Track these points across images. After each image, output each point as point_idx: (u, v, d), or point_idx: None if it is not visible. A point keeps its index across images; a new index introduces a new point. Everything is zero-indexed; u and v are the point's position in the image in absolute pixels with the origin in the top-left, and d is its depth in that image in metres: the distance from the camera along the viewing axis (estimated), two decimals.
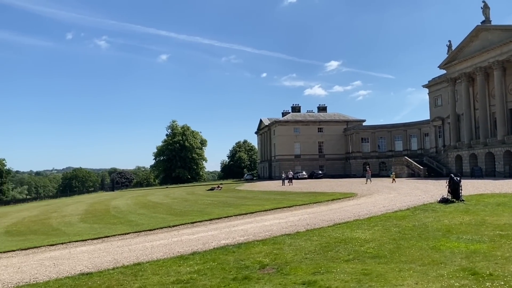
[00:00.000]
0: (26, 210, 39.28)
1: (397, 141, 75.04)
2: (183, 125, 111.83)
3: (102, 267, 10.19)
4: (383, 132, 76.49)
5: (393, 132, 75.54)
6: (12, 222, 26.34)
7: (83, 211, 31.12)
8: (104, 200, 46.25)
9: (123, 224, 20.15)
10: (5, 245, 15.80)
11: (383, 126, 77.51)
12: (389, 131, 75.93)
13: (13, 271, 10.53)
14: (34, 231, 20.48)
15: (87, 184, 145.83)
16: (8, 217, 31.12)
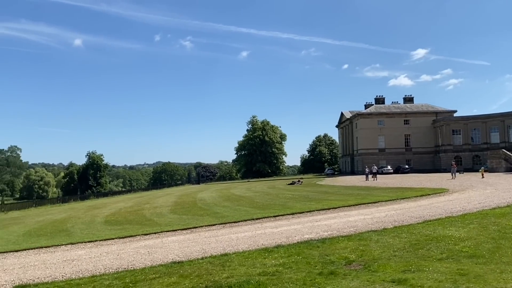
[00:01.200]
0: (122, 201, 42.53)
1: (493, 132, 68.97)
2: (263, 120, 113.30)
3: (191, 256, 10.69)
4: (477, 123, 70.74)
5: (489, 123, 69.52)
6: (111, 212, 28.68)
7: (172, 202, 32.93)
8: (191, 192, 48.52)
9: (209, 216, 20.96)
10: (105, 234, 17.23)
11: (477, 117, 71.62)
12: (484, 122, 70.01)
13: (113, 257, 11.45)
14: (130, 221, 22.10)
15: (175, 177, 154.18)
16: (107, 207, 33.93)
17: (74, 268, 10.32)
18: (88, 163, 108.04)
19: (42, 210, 40.58)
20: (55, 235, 18.12)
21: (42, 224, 23.73)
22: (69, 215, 28.49)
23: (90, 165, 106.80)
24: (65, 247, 14.09)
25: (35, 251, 13.64)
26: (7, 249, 14.28)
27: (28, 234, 19.08)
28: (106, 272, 9.56)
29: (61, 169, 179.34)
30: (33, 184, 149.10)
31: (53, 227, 21.63)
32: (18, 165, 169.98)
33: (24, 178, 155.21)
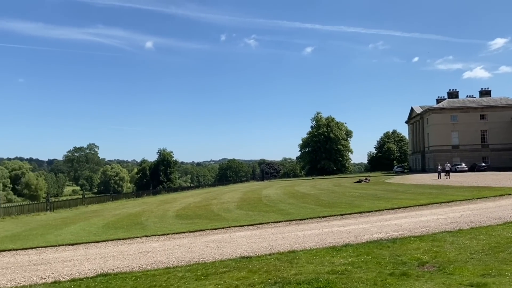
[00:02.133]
0: (191, 196, 44.10)
1: None
2: (328, 116, 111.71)
3: (259, 252, 10.86)
4: None
5: None
6: (181, 207, 29.86)
7: (238, 198, 33.59)
8: (256, 189, 49.13)
9: (275, 213, 21.11)
10: (176, 227, 17.99)
11: None
12: None
13: (185, 251, 11.94)
14: (199, 215, 22.88)
15: (239, 174, 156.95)
16: (177, 202, 35.38)
17: (149, 260, 10.90)
18: (159, 160, 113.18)
19: (118, 204, 43.20)
20: (131, 227, 19.24)
21: (119, 217, 25.28)
22: (143, 209, 30.09)
23: (161, 162, 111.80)
24: (140, 239, 14.91)
25: (114, 242, 14.56)
26: (89, 240, 15.39)
27: (106, 226, 20.42)
28: (178, 265, 10.01)
29: (134, 165, 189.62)
30: (109, 179, 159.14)
31: (128, 220, 22.97)
32: (96, 161, 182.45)
33: (101, 174, 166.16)
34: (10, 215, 29.34)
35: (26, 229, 21.22)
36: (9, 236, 18.62)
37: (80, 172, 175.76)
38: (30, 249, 13.98)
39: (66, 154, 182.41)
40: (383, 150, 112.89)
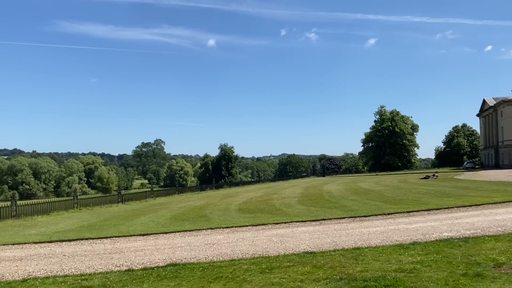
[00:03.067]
0: (252, 191, 44.73)
1: None
2: (392, 110, 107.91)
3: (323, 248, 10.80)
4: None
5: None
6: (243, 201, 30.40)
7: (299, 194, 33.55)
8: (317, 184, 48.76)
9: (338, 209, 20.85)
10: (239, 221, 18.35)
11: None
12: None
13: (248, 244, 12.16)
14: (261, 209, 23.17)
15: (299, 169, 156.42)
16: (239, 196, 36.05)
17: (215, 252, 11.24)
18: (220, 155, 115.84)
19: (183, 197, 44.85)
20: (196, 220, 19.92)
21: (185, 209, 26.26)
22: (207, 202, 31.01)
23: (223, 157, 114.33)
24: (205, 231, 15.39)
25: (181, 234, 15.15)
26: (158, 231, 16.14)
27: (174, 218, 21.30)
28: (243, 257, 10.22)
29: (197, 160, 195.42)
30: (175, 174, 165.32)
31: (194, 212, 23.80)
32: (162, 156, 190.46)
33: (167, 168, 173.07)
34: (86, 207, 31.51)
35: (101, 220, 22.68)
36: (86, 226, 20.01)
37: (148, 166, 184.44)
38: (105, 238, 14.91)
39: (135, 149, 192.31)
40: (452, 145, 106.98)
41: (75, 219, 23.83)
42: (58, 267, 10.24)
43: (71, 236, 15.72)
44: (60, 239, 14.87)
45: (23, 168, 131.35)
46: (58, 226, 20.03)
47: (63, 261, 11.10)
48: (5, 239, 15.71)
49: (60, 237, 15.59)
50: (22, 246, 13.78)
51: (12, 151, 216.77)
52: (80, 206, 31.07)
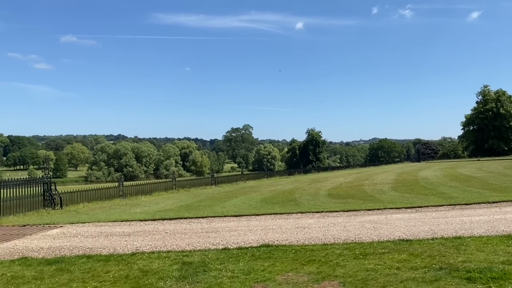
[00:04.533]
0: (341, 176, 43.99)
1: None
2: (497, 90, 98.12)
3: (419, 236, 10.34)
4: None
5: None
6: (332, 186, 30.08)
7: (392, 180, 32.26)
8: (411, 170, 46.45)
9: (435, 196, 19.73)
10: (329, 206, 18.23)
11: None
12: None
13: (340, 229, 12.05)
14: (351, 195, 22.75)
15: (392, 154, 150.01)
16: (328, 181, 35.70)
17: (306, 235, 11.32)
18: (308, 140, 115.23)
19: (272, 181, 45.64)
20: (286, 203, 20.18)
21: (274, 193, 26.72)
22: (295, 187, 31.23)
23: (310, 141, 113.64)
24: (295, 215, 15.53)
25: (272, 216, 15.47)
26: (250, 213, 16.66)
27: (264, 201, 21.81)
28: (335, 242, 10.17)
29: (284, 144, 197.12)
30: (262, 158, 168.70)
31: (283, 196, 24.13)
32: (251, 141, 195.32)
33: (255, 153, 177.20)
34: (183, 188, 33.59)
35: (197, 200, 24.01)
36: (183, 206, 21.33)
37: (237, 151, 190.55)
38: (202, 218, 15.77)
39: (225, 135, 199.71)
40: None
41: (174, 199, 25.52)
42: (161, 243, 11.09)
43: (171, 215, 16.87)
44: (162, 218, 16.04)
45: (126, 152, 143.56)
46: (159, 206, 21.61)
47: (165, 238, 11.99)
48: (114, 216, 17.35)
49: (162, 215, 16.81)
50: (130, 223, 15.11)
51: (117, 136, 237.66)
52: (178, 188, 33.19)
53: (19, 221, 16.47)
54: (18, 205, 18.43)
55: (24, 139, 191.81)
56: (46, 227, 14.67)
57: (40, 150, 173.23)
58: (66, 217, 17.34)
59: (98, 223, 15.29)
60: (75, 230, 13.99)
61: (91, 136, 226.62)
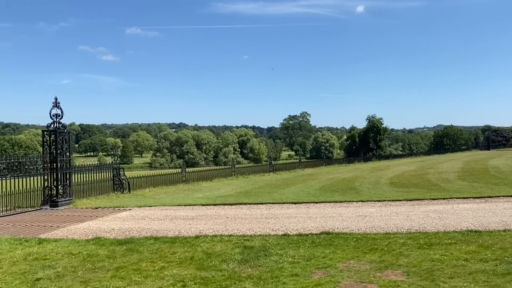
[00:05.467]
0: (404, 164, 42.50)
1: None
2: None
3: (489, 227, 9.83)
4: None
5: None
6: (394, 174, 29.17)
7: (459, 168, 30.68)
8: (480, 159, 43.83)
9: (507, 186, 18.54)
10: (391, 195, 17.74)
11: None
12: None
13: (403, 218, 11.73)
14: (415, 184, 21.96)
15: (458, 142, 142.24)
16: (390, 170, 34.65)
17: (367, 224, 11.14)
18: (368, 127, 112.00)
19: (330, 168, 45.07)
20: (346, 192, 19.90)
21: (333, 181, 26.42)
22: (355, 175, 30.64)
23: (370, 129, 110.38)
24: (356, 203, 15.30)
25: (331, 204, 15.35)
26: (308, 200, 16.64)
27: (323, 189, 21.65)
28: (398, 231, 9.93)
29: (343, 132, 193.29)
30: (320, 146, 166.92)
31: (343, 184, 23.79)
32: (308, 128, 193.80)
33: (313, 140, 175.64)
34: (242, 175, 34.13)
35: (255, 187, 24.33)
36: (243, 192, 21.72)
37: (294, 138, 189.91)
38: (261, 204, 15.99)
39: (282, 122, 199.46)
40: None
41: (233, 185, 26.04)
42: (223, 227, 11.42)
43: (231, 200, 17.27)
44: (223, 203, 16.47)
45: (187, 140, 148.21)
46: (220, 191, 22.18)
47: (226, 222, 12.33)
48: (178, 200, 18.06)
49: (222, 201, 17.26)
50: (192, 208, 15.67)
51: (179, 124, 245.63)
52: (237, 174, 33.80)
53: (92, 204, 17.65)
54: (90, 189, 19.72)
55: (93, 127, 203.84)
56: (116, 210, 15.62)
57: (108, 137, 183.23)
58: (133, 201, 18.32)
59: (163, 207, 16.02)
60: (142, 213, 14.77)
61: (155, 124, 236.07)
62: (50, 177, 17.21)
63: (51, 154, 17.31)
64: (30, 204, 16.49)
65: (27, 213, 15.54)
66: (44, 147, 17.70)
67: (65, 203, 17.14)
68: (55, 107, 17.69)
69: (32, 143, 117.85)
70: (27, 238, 10.70)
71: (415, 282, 6.22)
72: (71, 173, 18.09)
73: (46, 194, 17.06)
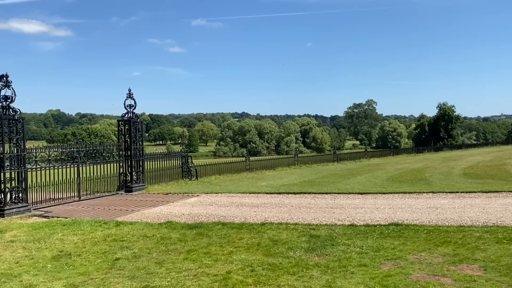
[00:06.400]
0: (478, 154, 40.09)
1: None
2: None
3: None
4: None
5: None
6: (468, 165, 27.60)
7: None
8: None
9: None
10: (465, 186, 16.82)
11: None
12: None
13: (478, 211, 11.09)
14: (491, 175, 20.63)
15: None
16: (463, 160, 32.83)
17: (439, 216, 10.67)
18: (439, 115, 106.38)
19: (398, 158, 43.56)
20: (415, 182, 19.16)
21: (402, 171, 25.53)
22: (425, 165, 29.39)
23: (441, 117, 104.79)
24: (426, 195, 14.68)
25: (400, 195, 14.85)
26: (375, 191, 16.22)
27: (390, 180, 21.00)
28: (473, 224, 9.43)
29: (411, 120, 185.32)
30: (387, 135, 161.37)
31: (411, 175, 22.92)
32: (374, 117, 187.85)
33: (379, 129, 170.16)
34: (305, 164, 34.02)
35: (319, 177, 24.15)
36: (306, 181, 21.66)
37: (359, 127, 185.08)
38: (325, 194, 15.85)
39: (347, 111, 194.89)
40: None
41: (296, 174, 26.04)
42: (287, 216, 11.50)
43: (295, 189, 17.30)
44: (287, 192, 16.55)
45: (250, 129, 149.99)
46: (283, 180, 22.28)
47: (291, 211, 12.39)
48: (243, 188, 18.42)
49: (286, 189, 17.34)
50: (257, 195, 15.92)
51: (241, 114, 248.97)
52: (300, 164, 33.74)
53: (162, 189, 18.51)
54: (161, 175, 20.70)
55: (162, 117, 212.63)
56: (185, 196, 16.27)
57: (176, 127, 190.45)
58: (201, 187, 18.96)
59: (229, 194, 16.44)
60: (209, 199, 15.27)
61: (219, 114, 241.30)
62: (125, 164, 18.26)
63: (126, 143, 18.34)
64: (107, 189, 17.65)
65: (105, 197, 16.65)
66: (119, 136, 18.78)
67: (138, 188, 18.12)
68: (129, 98, 18.66)
69: (107, 132, 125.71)
70: (106, 220, 11.49)
71: (493, 278, 5.89)
72: (143, 160, 19.06)
73: (121, 180, 18.14)
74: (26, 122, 13.33)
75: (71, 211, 13.46)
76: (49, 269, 7.20)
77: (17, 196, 13.05)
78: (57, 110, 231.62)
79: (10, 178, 12.90)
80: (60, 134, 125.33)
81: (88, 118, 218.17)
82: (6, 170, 12.74)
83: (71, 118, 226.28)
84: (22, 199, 13.13)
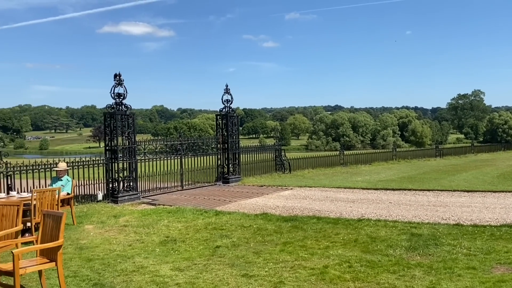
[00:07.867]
0: None
1: None
2: None
3: None
4: None
5: None
6: None
7: None
8: None
9: None
10: None
11: None
12: None
13: None
14: None
15: None
16: None
17: None
18: None
19: (510, 154, 39.52)
20: None
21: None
22: None
23: None
24: None
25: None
26: (484, 189, 14.93)
27: (502, 177, 19.12)
28: None
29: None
30: (497, 128, 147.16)
31: None
32: (482, 108, 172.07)
33: (487, 122, 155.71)
34: (404, 159, 32.35)
35: (420, 173, 22.84)
36: (406, 177, 20.62)
37: (464, 120, 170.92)
38: (427, 191, 14.95)
39: (450, 102, 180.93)
40: None
41: (394, 170, 24.91)
42: (386, 212, 11.08)
43: (393, 185, 16.58)
44: (384, 187, 15.93)
45: (343, 122, 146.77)
46: (380, 176, 21.47)
47: (389, 207, 11.92)
48: (337, 183, 18.13)
49: (384, 185, 16.69)
50: (353, 191, 15.56)
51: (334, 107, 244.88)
52: (398, 158, 32.19)
53: (257, 182, 18.97)
54: (256, 168, 21.23)
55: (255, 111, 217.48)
56: (279, 188, 16.50)
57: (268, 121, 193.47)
58: (294, 181, 19.06)
59: (323, 188, 16.31)
60: (303, 193, 15.30)
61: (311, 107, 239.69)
62: (222, 156, 19.04)
63: (223, 136, 19.10)
64: (206, 180, 18.57)
65: (204, 188, 17.54)
66: (217, 130, 19.61)
67: (234, 180, 18.79)
68: (226, 93, 19.36)
69: (204, 126, 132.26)
70: (206, 209, 12.12)
71: None
72: (239, 153, 19.69)
73: (219, 172, 18.95)
74: (135, 117, 14.52)
75: (175, 200, 14.42)
76: (157, 253, 7.81)
77: (129, 185, 14.32)
78: (161, 106, 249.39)
79: (123, 168, 14.19)
80: (164, 128, 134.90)
81: (188, 113, 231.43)
82: (120, 161, 14.04)
83: (173, 113, 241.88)
84: (132, 188, 14.38)
